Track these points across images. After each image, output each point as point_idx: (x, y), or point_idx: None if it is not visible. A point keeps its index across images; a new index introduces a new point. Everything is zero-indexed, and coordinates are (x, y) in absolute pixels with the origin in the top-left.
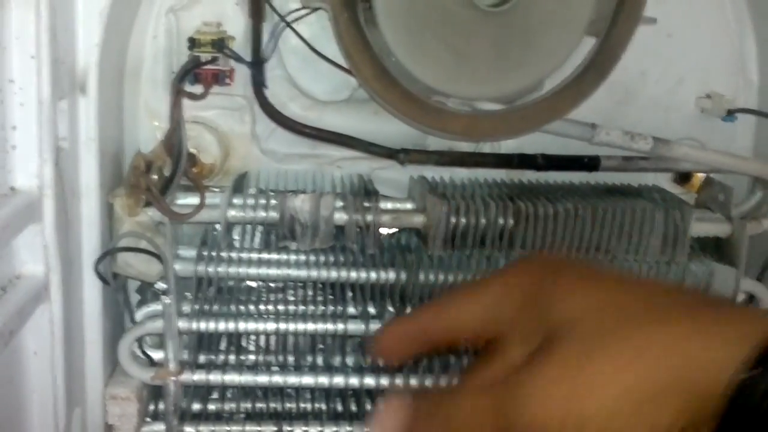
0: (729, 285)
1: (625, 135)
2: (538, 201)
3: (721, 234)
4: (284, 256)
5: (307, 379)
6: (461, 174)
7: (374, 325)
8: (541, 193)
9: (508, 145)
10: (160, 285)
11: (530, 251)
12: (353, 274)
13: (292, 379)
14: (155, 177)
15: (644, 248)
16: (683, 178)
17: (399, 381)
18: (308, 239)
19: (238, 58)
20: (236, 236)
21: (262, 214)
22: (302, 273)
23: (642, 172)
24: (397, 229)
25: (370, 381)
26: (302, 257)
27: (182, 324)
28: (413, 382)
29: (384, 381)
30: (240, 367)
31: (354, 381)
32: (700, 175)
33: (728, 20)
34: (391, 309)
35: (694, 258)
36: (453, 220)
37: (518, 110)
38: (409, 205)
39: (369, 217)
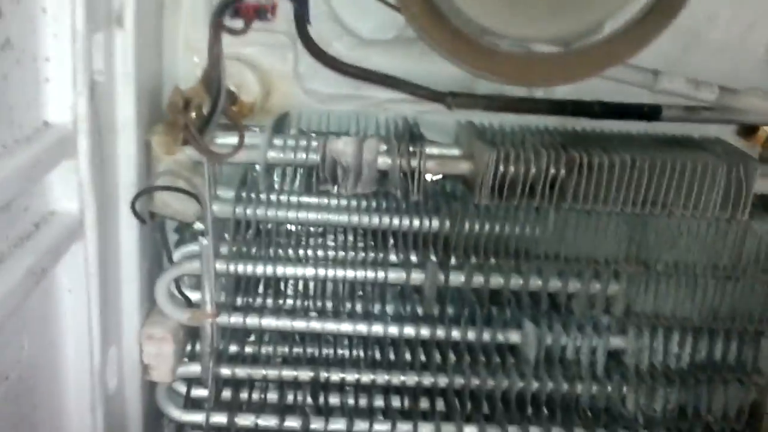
0: None
1: (690, 83)
2: (593, 151)
3: None
4: (325, 200)
5: (346, 326)
6: (511, 120)
7: (416, 275)
8: (596, 143)
9: (562, 91)
10: (199, 225)
11: (583, 203)
12: (395, 221)
13: (330, 326)
14: (194, 115)
15: (704, 204)
16: (748, 131)
17: (440, 332)
18: (350, 183)
19: None
20: (277, 178)
21: (302, 156)
22: (343, 218)
23: (705, 123)
24: (442, 176)
25: (409, 330)
26: (343, 202)
27: (219, 266)
28: (455, 333)
29: (424, 331)
30: (278, 311)
31: (393, 330)
32: (766, 128)
33: None
34: (433, 258)
35: (757, 216)
36: (501, 168)
37: (576, 54)
38: (455, 151)
39: (413, 163)
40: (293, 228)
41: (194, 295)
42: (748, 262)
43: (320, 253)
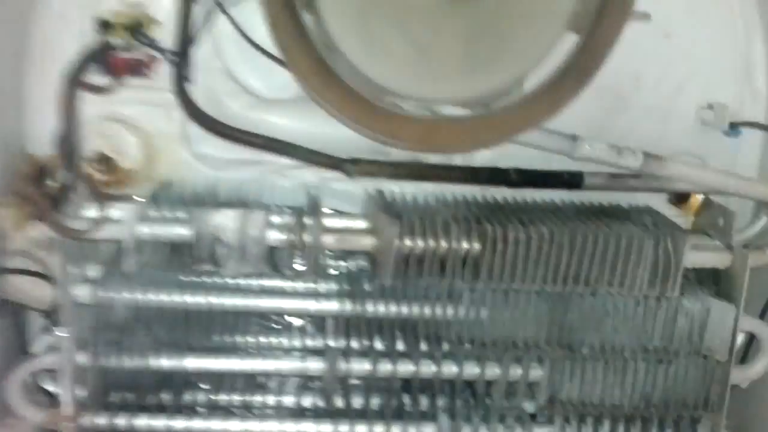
0: (727, 323)
1: (612, 149)
2: (509, 223)
3: (719, 265)
4: (207, 280)
5: (234, 425)
6: (429, 189)
7: (314, 364)
8: (514, 214)
9: (482, 158)
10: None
11: (499, 280)
12: (286, 304)
13: (217, 425)
14: (53, 184)
15: (630, 280)
16: (679, 198)
17: (343, 428)
18: (232, 263)
19: (154, 46)
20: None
21: (176, 231)
22: (227, 301)
23: (629, 192)
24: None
25: (307, 427)
26: (230, 281)
27: (83, 359)
28: (360, 429)
29: (324, 428)
30: (159, 408)
31: (289, 428)
32: (699, 196)
33: (735, 20)
34: (332, 344)
35: (688, 292)
36: (408, 243)
37: (486, 117)
38: (361, 224)
39: (308, 238)
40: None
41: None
42: (680, 342)
43: (204, 341)
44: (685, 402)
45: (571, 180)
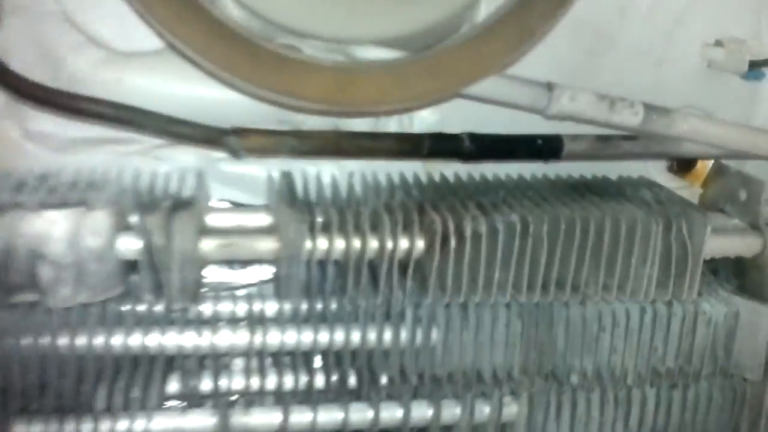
0: (761, 330)
1: (601, 101)
2: (464, 210)
3: (745, 252)
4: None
5: None
6: (355, 168)
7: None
8: (470, 198)
9: (424, 121)
10: None
11: (453, 292)
12: (151, 341)
13: None
14: None
15: (634, 282)
16: (682, 166)
17: None
18: (64, 289)
19: None
20: None
21: None
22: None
23: (624, 161)
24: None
25: None
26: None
27: None
28: None
29: None
30: None
31: None
32: (706, 162)
33: None
34: (222, 387)
35: (707, 292)
36: (322, 243)
37: (424, 61)
38: (263, 221)
39: (179, 244)
40: None
41: None
42: (700, 360)
43: None
44: None
45: (547, 147)
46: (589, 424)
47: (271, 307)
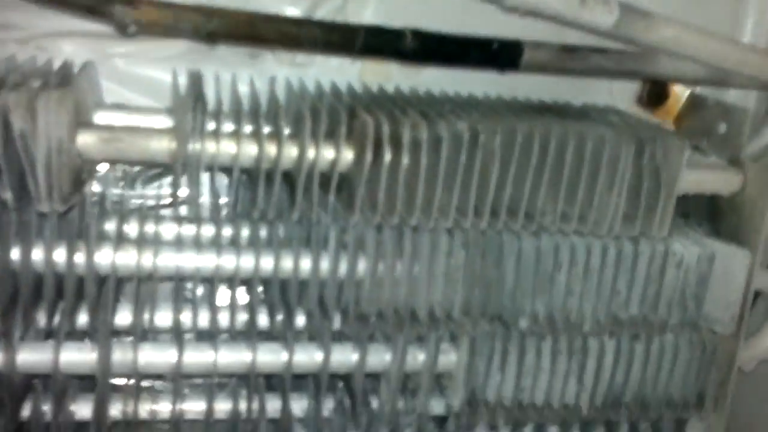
0: (736, 278)
1: None
2: (403, 116)
3: (723, 190)
4: None
5: None
6: (276, 72)
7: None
8: (409, 104)
9: (362, 12)
10: None
11: (386, 213)
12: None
13: None
14: None
15: (598, 212)
16: (653, 96)
17: None
18: None
19: None
20: None
21: None
22: None
23: (594, 77)
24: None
25: None
26: None
27: None
28: None
29: None
30: None
31: None
32: (679, 95)
33: None
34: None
35: (679, 232)
36: (228, 147)
37: None
38: (162, 124)
39: (44, 129)
40: None
41: None
42: (668, 309)
43: None
44: (671, 399)
45: (504, 53)
46: (538, 375)
47: (169, 230)
